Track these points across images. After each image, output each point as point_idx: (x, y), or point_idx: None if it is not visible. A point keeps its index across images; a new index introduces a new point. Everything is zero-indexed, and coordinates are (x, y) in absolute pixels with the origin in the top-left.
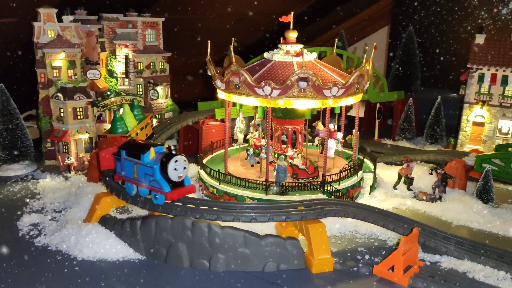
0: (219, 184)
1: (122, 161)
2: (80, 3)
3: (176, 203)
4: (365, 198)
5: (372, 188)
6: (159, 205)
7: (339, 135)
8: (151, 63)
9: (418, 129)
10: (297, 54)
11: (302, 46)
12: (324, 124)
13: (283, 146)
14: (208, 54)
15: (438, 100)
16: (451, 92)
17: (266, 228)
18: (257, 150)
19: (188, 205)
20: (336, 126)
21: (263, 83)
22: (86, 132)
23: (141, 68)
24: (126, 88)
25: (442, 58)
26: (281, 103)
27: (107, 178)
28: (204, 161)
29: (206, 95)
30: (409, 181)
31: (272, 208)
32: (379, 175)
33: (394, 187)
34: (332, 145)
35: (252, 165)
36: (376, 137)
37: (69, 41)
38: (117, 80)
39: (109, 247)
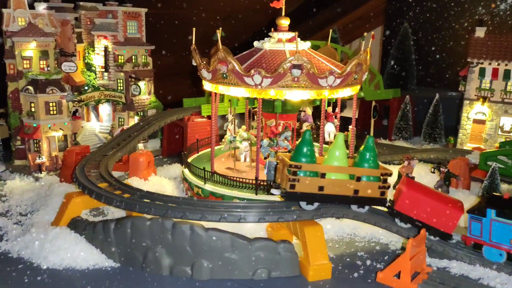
0: (205, 183)
1: (488, 222)
2: None
3: (156, 202)
4: None
5: None
6: (136, 204)
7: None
8: (133, 56)
9: (415, 129)
10: (290, 39)
11: (295, 33)
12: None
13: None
14: (193, 42)
15: (436, 97)
16: (448, 91)
17: (256, 230)
18: (275, 139)
19: (169, 204)
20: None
21: (252, 71)
22: (60, 129)
23: (122, 61)
24: (106, 83)
25: (438, 56)
26: (273, 93)
27: None
28: (189, 159)
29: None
30: None
31: (263, 208)
32: None
33: (394, 187)
34: (331, 129)
35: (265, 158)
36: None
37: (41, 30)
38: (95, 74)
39: (78, 254)
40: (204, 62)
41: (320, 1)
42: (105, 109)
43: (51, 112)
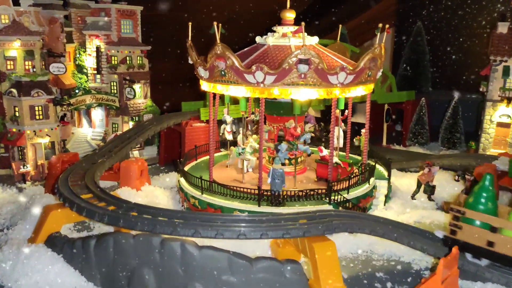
0: (202, 194)
1: None
2: None
3: (144, 215)
4: (379, 210)
5: (387, 198)
6: (120, 218)
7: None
8: (127, 58)
9: (431, 134)
10: (296, 31)
11: (302, 24)
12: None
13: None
14: (189, 38)
15: (454, 99)
16: (465, 93)
17: (258, 248)
18: (294, 143)
19: (159, 218)
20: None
21: (254, 68)
22: (47, 135)
23: (116, 62)
24: (98, 86)
25: (454, 57)
26: (277, 92)
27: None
28: (186, 168)
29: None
30: (430, 190)
31: (266, 222)
32: (393, 183)
33: (413, 196)
34: (340, 134)
35: (283, 164)
36: (384, 143)
37: (26, 28)
38: (87, 76)
39: (54, 275)
40: (201, 60)
41: (326, 3)
42: (97, 114)
43: (37, 117)
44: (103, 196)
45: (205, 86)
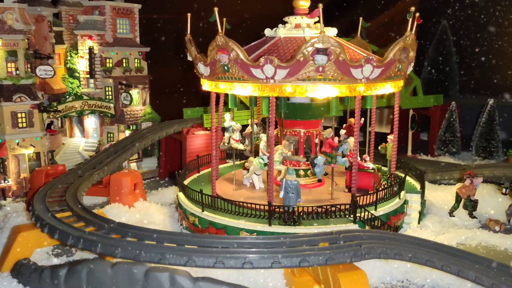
0: (202, 211)
1: None
2: None
3: (128, 238)
4: (412, 230)
5: (421, 215)
6: (98, 242)
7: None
8: (124, 60)
9: (462, 142)
10: (312, 14)
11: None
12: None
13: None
14: (188, 32)
15: (490, 103)
16: (498, 97)
17: (269, 277)
18: (333, 154)
19: (145, 241)
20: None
21: (262, 60)
22: (31, 145)
23: (110, 65)
24: (91, 91)
25: (483, 58)
26: (290, 89)
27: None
28: (186, 181)
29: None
30: (471, 205)
31: (278, 245)
32: (427, 198)
33: (451, 213)
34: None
35: (319, 180)
36: (409, 152)
37: (9, 26)
38: (79, 81)
39: None
40: (201, 55)
41: (341, 4)
42: (91, 122)
43: (20, 125)
44: (83, 214)
45: (206, 85)
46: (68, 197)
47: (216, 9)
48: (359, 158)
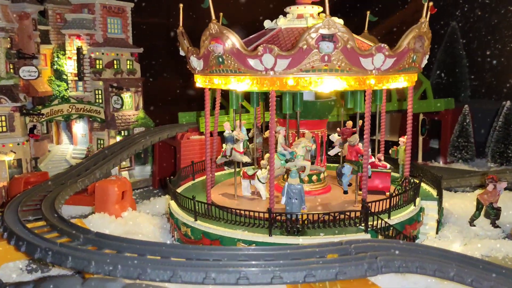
0: (195, 220)
1: None
2: None
3: (105, 251)
4: (430, 240)
5: (439, 224)
6: (68, 255)
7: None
8: (115, 61)
9: (476, 148)
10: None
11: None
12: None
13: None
14: (180, 24)
15: (506, 105)
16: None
17: None
18: (359, 162)
19: (125, 253)
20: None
21: (261, 49)
22: (12, 151)
23: (100, 67)
24: (80, 94)
25: (495, 62)
26: (292, 82)
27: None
28: (180, 189)
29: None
30: (494, 213)
31: (280, 258)
32: (444, 206)
33: (471, 222)
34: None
35: (346, 192)
36: (420, 159)
37: None
38: (67, 83)
39: None
40: (193, 48)
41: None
42: (80, 128)
43: (0, 129)
44: (58, 224)
45: (199, 81)
46: (45, 206)
47: None
48: (373, 158)
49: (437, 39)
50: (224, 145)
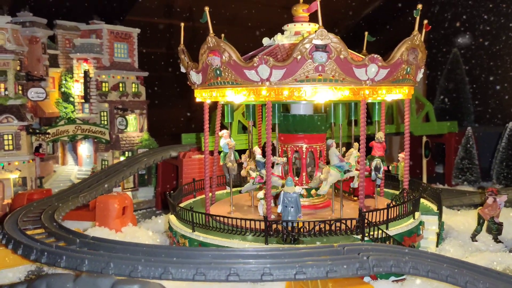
0: (193, 231)
1: None
2: (25, 5)
3: (98, 251)
4: None
5: (440, 237)
6: (63, 254)
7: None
8: (120, 84)
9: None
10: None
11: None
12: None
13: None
14: (182, 42)
15: (509, 126)
16: None
17: None
18: (383, 157)
19: (117, 252)
20: None
21: (257, 60)
22: (17, 169)
23: (106, 89)
24: (86, 116)
25: (498, 87)
26: (287, 93)
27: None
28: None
29: None
30: (496, 228)
31: (271, 256)
32: (445, 222)
33: (473, 237)
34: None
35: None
36: (424, 181)
37: (0, 46)
38: (74, 105)
39: None
40: (193, 63)
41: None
42: (85, 149)
43: (6, 147)
44: (56, 231)
45: (198, 96)
46: (44, 217)
47: (206, 8)
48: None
49: (439, 65)
50: (250, 171)
